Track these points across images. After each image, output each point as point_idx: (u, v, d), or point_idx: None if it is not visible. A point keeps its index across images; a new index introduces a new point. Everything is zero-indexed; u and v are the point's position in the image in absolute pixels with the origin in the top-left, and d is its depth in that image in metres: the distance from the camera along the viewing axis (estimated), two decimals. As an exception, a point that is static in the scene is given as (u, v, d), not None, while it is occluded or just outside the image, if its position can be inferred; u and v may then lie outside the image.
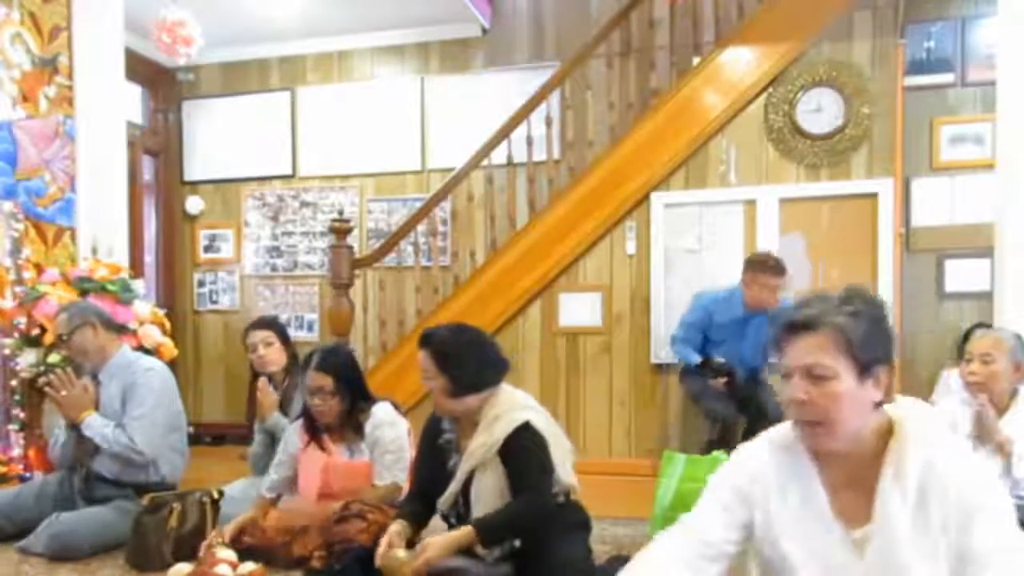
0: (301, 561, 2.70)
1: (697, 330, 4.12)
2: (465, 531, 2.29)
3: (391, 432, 2.88)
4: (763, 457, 1.52)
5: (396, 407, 3.03)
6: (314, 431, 2.94)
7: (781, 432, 1.52)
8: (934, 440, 1.39)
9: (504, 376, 2.50)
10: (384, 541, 2.32)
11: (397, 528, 2.40)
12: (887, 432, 1.41)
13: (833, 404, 1.36)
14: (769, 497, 1.48)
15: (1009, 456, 2.64)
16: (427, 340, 2.44)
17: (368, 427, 2.90)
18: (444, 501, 2.45)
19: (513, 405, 2.42)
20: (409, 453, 2.96)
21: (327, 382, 2.83)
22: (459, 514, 2.44)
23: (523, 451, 2.33)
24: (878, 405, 1.40)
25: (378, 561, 2.29)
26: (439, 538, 2.29)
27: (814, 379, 1.37)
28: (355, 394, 2.91)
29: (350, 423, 2.91)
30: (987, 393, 2.68)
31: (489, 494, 2.36)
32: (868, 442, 1.40)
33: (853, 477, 1.41)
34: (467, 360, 2.40)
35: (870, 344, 1.36)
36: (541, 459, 2.34)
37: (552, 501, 2.36)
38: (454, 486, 2.42)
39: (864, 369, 1.36)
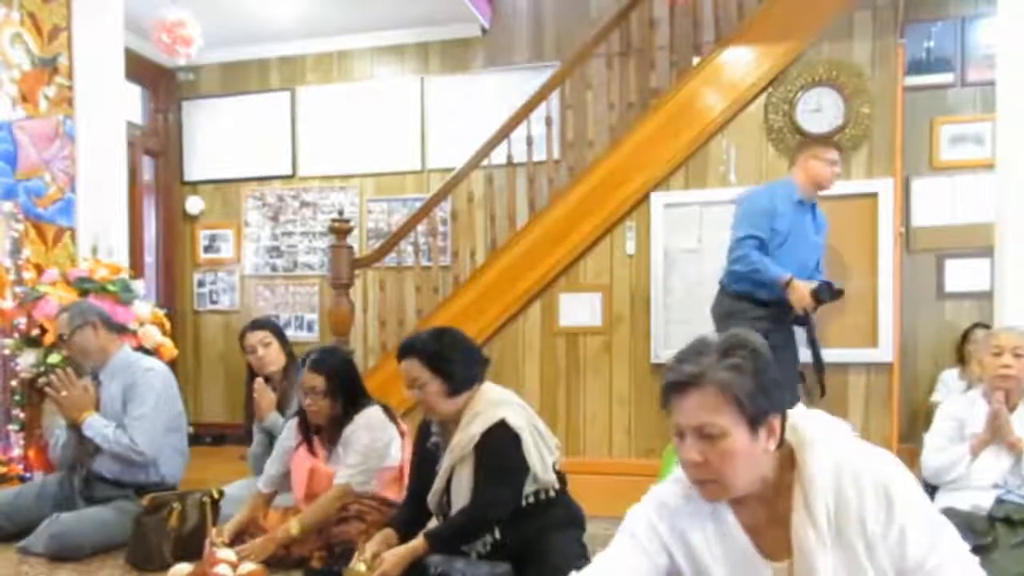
0: (301, 561, 2.70)
1: (767, 222, 3.52)
2: (418, 542, 2.33)
3: (365, 437, 2.85)
4: (676, 498, 1.47)
5: (390, 413, 2.99)
6: (306, 432, 2.94)
7: (684, 480, 1.46)
8: (834, 462, 1.34)
9: (486, 371, 2.51)
10: (357, 553, 2.36)
11: (379, 538, 2.44)
12: (789, 462, 1.38)
13: (727, 462, 1.32)
14: (688, 537, 1.44)
15: (1020, 454, 2.64)
16: (411, 348, 2.45)
17: (346, 430, 2.88)
18: (431, 499, 2.48)
19: (492, 402, 2.43)
20: (396, 459, 2.94)
21: (319, 382, 2.82)
22: (444, 512, 2.46)
23: (490, 452, 2.35)
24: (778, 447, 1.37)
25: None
26: (394, 551, 2.32)
27: (707, 438, 1.32)
28: (348, 398, 2.89)
29: (340, 427, 2.90)
30: (1015, 388, 2.68)
31: (466, 490, 2.38)
32: (772, 479, 1.38)
33: (767, 514, 1.39)
34: (456, 359, 2.42)
35: (758, 397, 1.32)
36: (507, 460, 2.35)
37: (512, 501, 2.36)
38: (438, 483, 2.45)
39: (754, 422, 1.32)
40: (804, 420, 1.41)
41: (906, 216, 4.82)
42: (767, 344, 1.40)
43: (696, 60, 4.56)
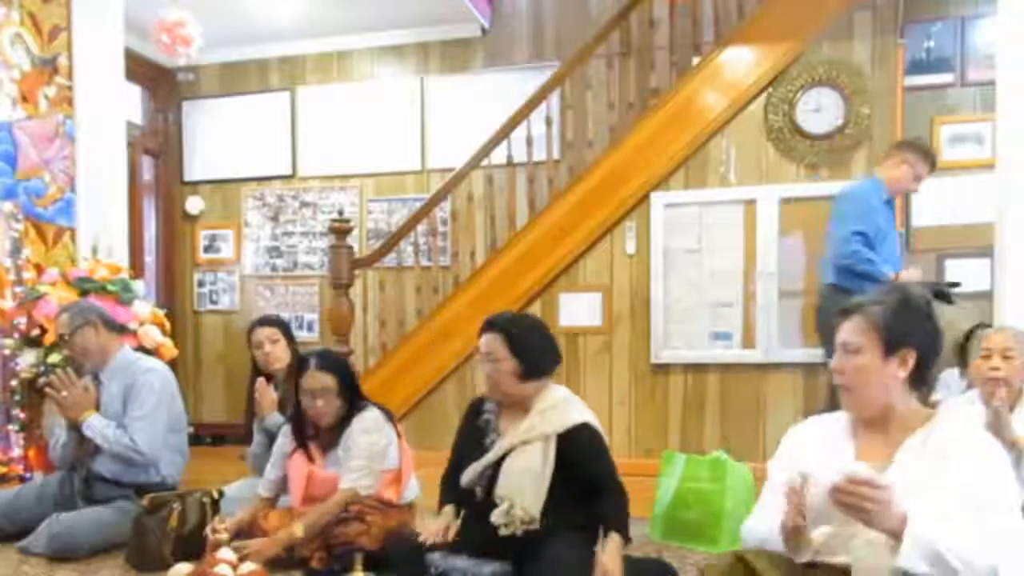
0: (301, 562, 2.70)
1: (873, 218, 3.64)
2: (615, 541, 2.34)
3: (365, 440, 2.82)
4: (808, 430, 1.84)
5: (388, 415, 2.98)
6: (301, 437, 2.93)
7: (834, 414, 1.82)
8: (969, 425, 1.68)
9: (556, 369, 2.57)
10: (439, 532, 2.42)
11: (447, 520, 2.48)
12: (927, 419, 1.67)
13: (857, 373, 1.68)
14: (807, 456, 1.73)
15: (1021, 454, 2.63)
16: (496, 324, 2.50)
17: (344, 434, 2.85)
18: (473, 470, 2.47)
19: (568, 401, 2.49)
20: (394, 462, 2.93)
21: (331, 382, 2.80)
22: (484, 485, 2.45)
23: (597, 451, 2.42)
24: (914, 385, 1.68)
25: None
26: (614, 559, 2.32)
27: (847, 353, 1.69)
28: (352, 397, 2.89)
29: (339, 430, 2.87)
30: (1007, 389, 2.67)
31: (520, 474, 2.39)
32: (906, 419, 1.67)
33: (885, 442, 1.67)
34: (535, 344, 2.48)
35: (895, 330, 1.65)
36: (611, 459, 2.45)
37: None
38: (490, 456, 2.45)
39: (888, 349, 1.65)
40: (963, 409, 1.86)
41: (906, 216, 4.82)
42: (927, 299, 1.74)
43: (696, 60, 4.56)
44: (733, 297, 4.42)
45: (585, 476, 2.40)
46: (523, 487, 2.37)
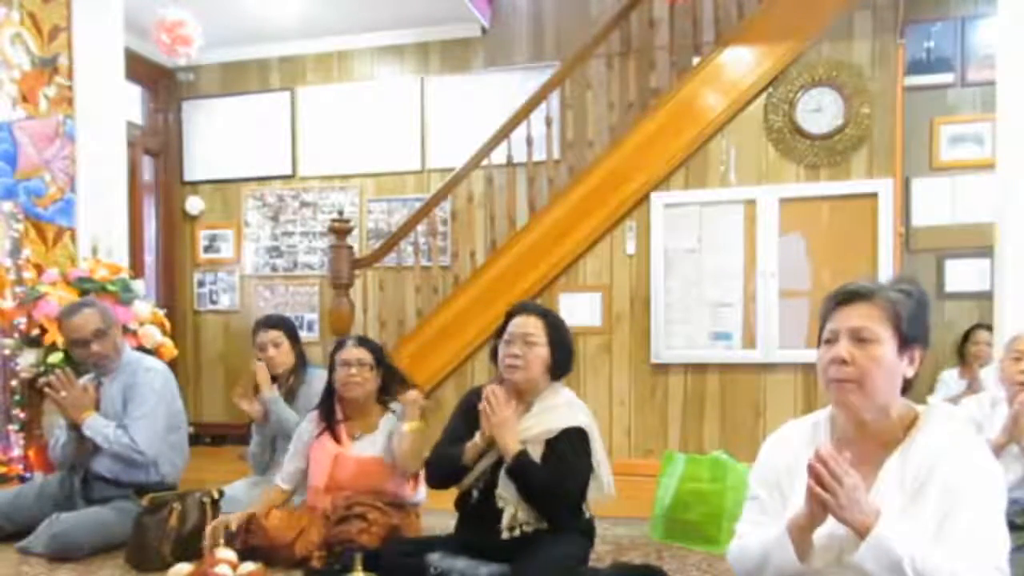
0: (302, 561, 2.70)
1: None
2: (514, 446, 2.34)
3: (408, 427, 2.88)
4: (789, 439, 1.66)
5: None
6: (329, 420, 2.94)
7: (811, 416, 1.67)
8: (950, 435, 1.49)
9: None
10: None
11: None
12: (910, 424, 1.53)
13: (872, 366, 1.49)
14: (791, 471, 1.59)
15: None
16: (539, 311, 2.51)
17: (386, 420, 2.93)
18: (475, 472, 2.44)
19: (571, 405, 2.48)
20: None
21: (366, 355, 2.90)
22: (485, 484, 2.43)
23: (571, 452, 2.39)
24: (906, 386, 1.54)
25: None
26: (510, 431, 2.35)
27: (859, 341, 1.50)
28: (387, 379, 2.97)
29: (375, 408, 2.95)
30: None
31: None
32: (890, 426, 1.53)
33: (864, 455, 1.50)
34: (568, 339, 2.50)
35: (914, 322, 1.52)
36: (583, 466, 2.41)
37: (578, 495, 2.43)
38: (489, 459, 2.42)
39: (904, 343, 1.51)
40: (943, 404, 1.62)
41: (906, 216, 4.82)
42: (927, 295, 1.60)
43: (696, 60, 4.56)
44: (733, 297, 4.43)
45: (553, 467, 2.37)
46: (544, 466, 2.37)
